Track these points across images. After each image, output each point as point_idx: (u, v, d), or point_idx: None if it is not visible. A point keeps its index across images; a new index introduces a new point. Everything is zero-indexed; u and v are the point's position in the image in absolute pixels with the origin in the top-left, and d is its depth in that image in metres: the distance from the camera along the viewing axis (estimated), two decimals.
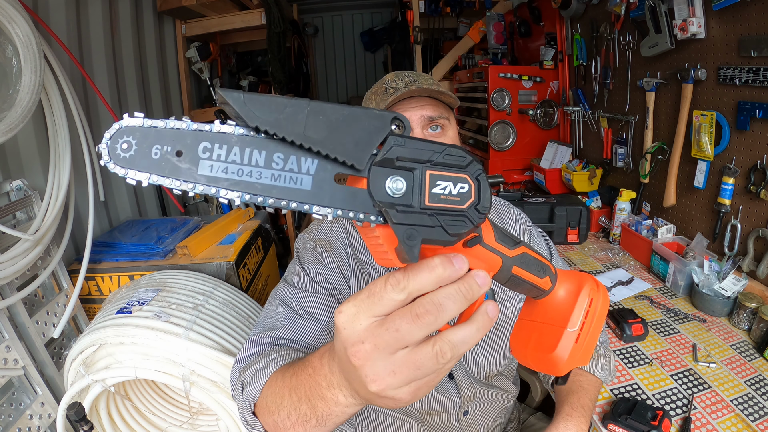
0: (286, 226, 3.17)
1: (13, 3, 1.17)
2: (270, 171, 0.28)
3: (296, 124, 0.28)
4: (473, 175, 0.31)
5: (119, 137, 0.27)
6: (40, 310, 1.41)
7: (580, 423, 0.78)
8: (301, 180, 0.29)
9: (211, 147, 0.28)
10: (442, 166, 0.31)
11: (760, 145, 1.24)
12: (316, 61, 5.14)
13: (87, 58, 1.92)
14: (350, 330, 0.33)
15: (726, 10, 1.27)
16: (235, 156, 0.28)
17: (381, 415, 0.89)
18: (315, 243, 0.88)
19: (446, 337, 0.33)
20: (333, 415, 0.44)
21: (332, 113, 0.28)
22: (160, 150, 0.27)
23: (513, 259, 0.38)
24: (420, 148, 0.31)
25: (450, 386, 0.88)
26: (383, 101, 0.82)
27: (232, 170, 0.28)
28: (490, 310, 0.34)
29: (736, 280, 1.22)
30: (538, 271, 0.41)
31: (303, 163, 0.29)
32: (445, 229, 0.31)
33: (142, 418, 1.42)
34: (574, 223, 1.80)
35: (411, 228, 0.30)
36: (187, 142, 0.27)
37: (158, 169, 0.27)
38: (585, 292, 0.43)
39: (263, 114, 0.27)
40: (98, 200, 1.79)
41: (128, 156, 0.27)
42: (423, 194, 0.30)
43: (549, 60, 2.35)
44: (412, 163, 0.30)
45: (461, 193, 0.31)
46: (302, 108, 0.28)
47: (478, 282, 0.33)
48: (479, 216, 0.32)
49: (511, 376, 1.00)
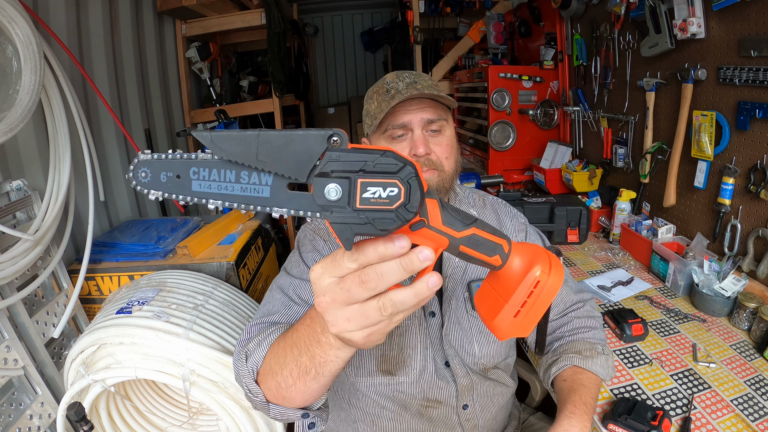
0: (286, 226, 3.17)
1: (13, 3, 1.17)
2: (240, 185, 0.39)
3: (250, 153, 0.37)
4: (404, 179, 0.37)
5: (139, 168, 0.40)
6: (40, 310, 1.41)
7: (583, 420, 0.78)
8: (261, 190, 0.38)
9: (198, 170, 0.39)
10: (373, 174, 0.37)
11: (760, 145, 1.24)
12: (316, 61, 5.14)
13: (87, 58, 1.92)
14: (317, 285, 0.43)
15: (726, 10, 1.27)
16: (215, 176, 0.39)
17: (380, 409, 0.90)
18: (314, 233, 0.93)
19: (389, 296, 0.41)
20: (329, 361, 0.52)
21: (277, 140, 0.36)
22: (166, 175, 0.40)
23: (460, 240, 0.44)
24: (353, 159, 0.37)
25: (447, 374, 0.90)
26: (385, 102, 0.85)
27: (213, 186, 0.39)
28: (431, 281, 0.41)
29: (736, 280, 1.23)
30: (488, 250, 0.46)
31: (262, 178, 0.38)
32: (374, 225, 0.37)
33: (142, 418, 1.42)
34: (574, 223, 1.80)
35: (345, 225, 0.37)
36: (181, 169, 0.39)
37: (166, 189, 0.40)
38: (532, 273, 0.47)
39: (227, 147, 0.37)
40: (98, 200, 1.79)
41: (146, 181, 0.40)
42: (354, 198, 0.37)
43: (549, 60, 2.35)
44: (346, 173, 0.37)
45: (390, 195, 0.37)
46: (253, 139, 0.37)
47: (419, 257, 0.40)
48: (408, 213, 0.37)
49: (508, 371, 1.00)
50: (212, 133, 0.37)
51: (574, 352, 0.91)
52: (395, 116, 0.86)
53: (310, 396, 0.60)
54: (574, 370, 0.89)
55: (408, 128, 0.87)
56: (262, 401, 0.66)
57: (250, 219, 2.11)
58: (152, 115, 2.53)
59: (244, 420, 1.17)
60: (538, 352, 0.71)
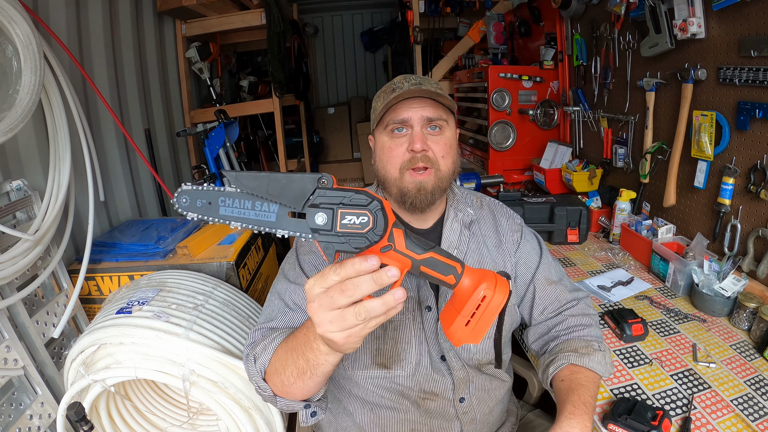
0: None
1: (13, 3, 1.17)
2: (254, 211, 0.52)
3: (262, 188, 0.51)
4: (372, 211, 0.50)
5: (180, 196, 0.54)
6: (40, 310, 1.41)
7: (583, 420, 0.79)
8: (269, 215, 0.52)
9: (225, 199, 0.53)
10: (349, 206, 0.50)
11: (760, 145, 1.24)
12: (316, 61, 5.14)
13: (87, 58, 1.92)
14: (309, 293, 0.55)
15: (726, 10, 1.27)
16: (236, 203, 0.53)
17: (379, 398, 0.92)
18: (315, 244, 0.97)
19: (363, 304, 0.52)
20: (320, 363, 0.64)
21: (281, 180, 0.51)
22: (202, 201, 0.54)
23: (420, 261, 0.56)
24: (335, 195, 0.50)
25: (443, 367, 0.91)
26: (387, 98, 0.89)
27: (235, 211, 0.53)
28: (396, 294, 0.53)
29: (736, 280, 1.22)
30: (443, 271, 0.57)
31: (270, 207, 0.52)
32: (350, 244, 0.50)
33: (142, 418, 1.42)
34: (574, 223, 1.80)
35: (328, 243, 0.51)
36: (213, 197, 0.53)
37: (202, 212, 0.54)
38: (479, 290, 0.58)
39: (246, 183, 0.52)
40: (98, 200, 1.79)
41: (186, 205, 0.54)
42: (336, 223, 0.50)
43: (549, 60, 2.34)
44: (331, 204, 0.50)
45: (362, 222, 0.50)
46: (265, 178, 0.51)
47: (388, 274, 0.52)
48: (375, 236, 0.50)
49: (503, 366, 1.01)
50: (237, 173, 0.52)
51: (570, 351, 0.91)
52: (397, 112, 0.89)
53: (309, 391, 0.72)
54: (571, 369, 0.89)
55: (408, 124, 0.89)
56: (271, 396, 0.77)
57: None
58: (152, 115, 2.53)
59: (244, 420, 1.17)
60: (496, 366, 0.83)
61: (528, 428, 1.11)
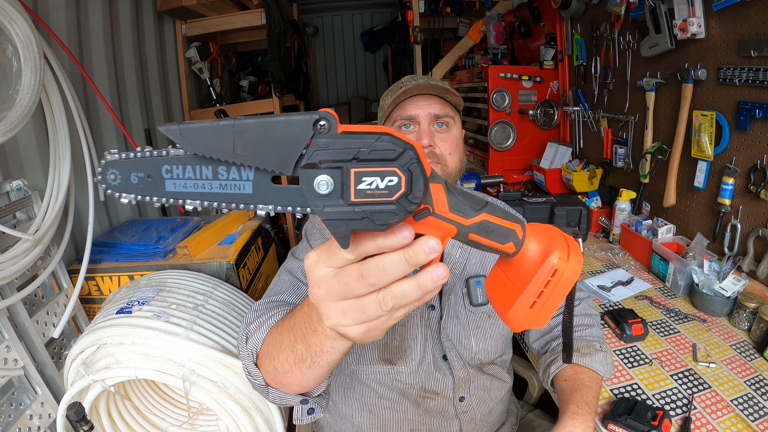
0: (286, 226, 3.17)
1: (13, 3, 1.17)
2: (218, 182, 0.34)
3: (226, 146, 0.32)
4: (404, 167, 0.32)
5: (107, 170, 0.35)
6: (40, 310, 1.41)
7: (586, 421, 0.79)
8: (243, 186, 0.34)
9: (171, 168, 0.35)
10: (369, 162, 0.32)
11: (760, 145, 1.24)
12: (316, 61, 5.14)
13: (87, 58, 1.92)
14: (312, 274, 0.40)
15: (726, 10, 1.27)
16: (190, 173, 0.34)
17: (378, 398, 0.91)
18: None
19: (390, 289, 0.37)
20: (324, 351, 0.49)
21: (255, 129, 0.32)
22: (137, 176, 0.35)
23: (469, 227, 0.40)
24: (344, 146, 0.32)
25: (444, 366, 0.91)
26: (395, 95, 0.90)
27: (189, 185, 0.35)
28: (435, 273, 0.37)
29: (736, 280, 1.22)
30: (500, 237, 0.42)
31: (242, 172, 0.34)
32: (372, 220, 0.33)
33: (142, 418, 1.42)
34: (574, 223, 1.80)
35: (338, 221, 0.33)
36: (153, 168, 0.35)
37: (139, 191, 0.35)
38: (549, 261, 0.43)
39: (199, 141, 0.32)
40: (98, 200, 1.79)
41: (116, 184, 0.35)
42: (348, 191, 0.32)
43: (549, 60, 2.35)
44: (336, 162, 0.32)
45: (389, 186, 0.32)
46: (228, 130, 0.32)
47: (425, 249, 0.36)
48: (411, 205, 0.33)
49: (504, 367, 1.01)
50: (181, 125, 0.32)
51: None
52: (404, 108, 0.90)
53: (307, 384, 0.58)
54: (574, 369, 0.89)
55: (415, 121, 0.91)
56: (261, 384, 0.64)
57: (250, 219, 2.11)
58: (152, 115, 2.53)
59: (244, 420, 1.17)
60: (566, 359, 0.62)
61: (528, 428, 1.11)
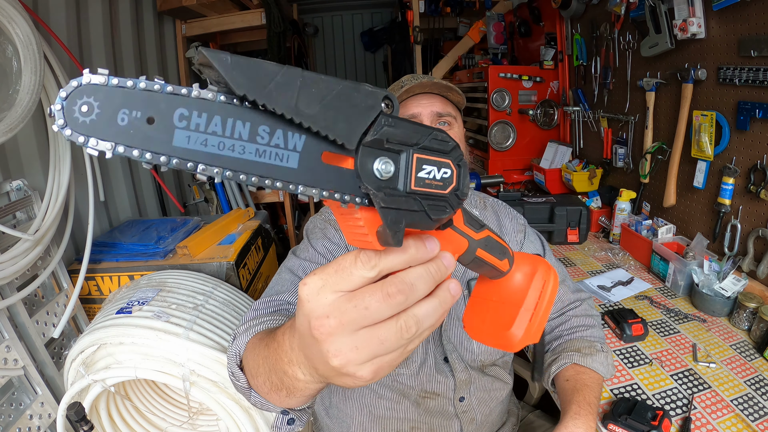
0: (286, 226, 3.17)
1: (13, 3, 1.17)
2: (255, 146, 0.26)
3: (288, 96, 0.25)
4: (456, 161, 0.31)
5: (78, 98, 0.23)
6: (40, 310, 1.41)
7: (588, 421, 0.79)
8: (287, 157, 0.27)
9: (189, 115, 0.25)
10: (429, 150, 0.30)
11: (760, 145, 1.24)
12: (316, 61, 5.14)
13: (87, 58, 1.92)
14: (315, 303, 0.32)
15: (726, 10, 1.27)
16: (216, 127, 0.25)
17: (378, 399, 0.91)
18: (326, 222, 0.92)
19: (411, 311, 0.32)
20: (298, 389, 0.44)
21: (326, 87, 0.26)
22: (128, 115, 0.23)
23: (478, 242, 0.39)
24: (409, 130, 0.29)
25: (445, 368, 0.91)
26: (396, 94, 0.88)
27: (212, 143, 0.25)
28: (452, 287, 0.35)
29: (736, 280, 1.22)
30: (499, 254, 0.42)
31: (290, 139, 0.27)
32: (428, 214, 0.30)
33: (142, 418, 1.42)
34: (574, 223, 1.80)
35: (397, 212, 0.29)
36: (160, 108, 0.24)
37: (125, 138, 0.23)
38: (539, 275, 0.45)
39: (252, 82, 0.24)
40: (98, 200, 1.79)
41: (89, 121, 0.23)
42: (410, 178, 0.29)
43: (549, 60, 2.35)
44: (400, 145, 0.29)
45: (444, 178, 0.31)
46: (295, 78, 0.25)
47: (445, 263, 0.34)
48: (458, 202, 0.32)
49: (506, 368, 1.01)
50: (233, 56, 0.24)
51: (573, 350, 0.91)
52: (406, 107, 0.90)
53: (290, 406, 0.55)
54: (576, 369, 0.89)
55: (418, 120, 0.90)
56: (244, 387, 0.62)
57: (250, 219, 2.11)
58: None
59: (244, 420, 1.17)
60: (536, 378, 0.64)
61: (529, 429, 1.11)
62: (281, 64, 0.25)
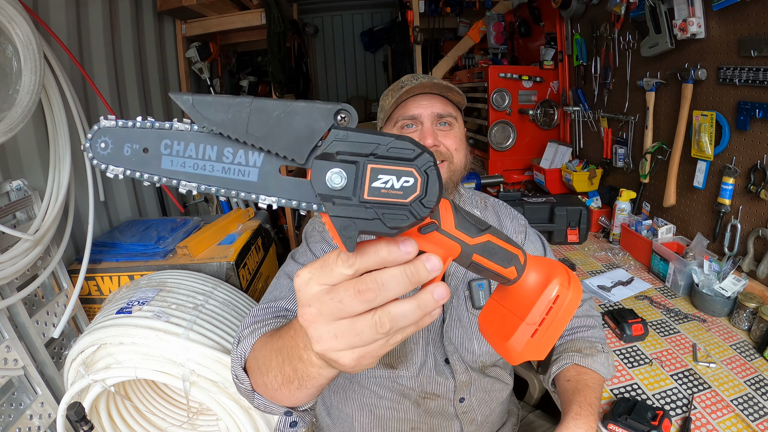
0: (286, 226, 3.17)
1: (13, 3, 1.17)
2: (221, 164, 0.32)
3: (239, 123, 0.30)
4: (421, 168, 0.31)
5: (98, 137, 0.33)
6: (40, 310, 1.41)
7: (589, 421, 0.79)
8: (248, 172, 0.32)
9: (171, 144, 0.32)
10: (386, 159, 0.31)
11: (760, 145, 1.24)
12: (316, 61, 5.14)
13: (87, 58, 1.92)
14: (302, 293, 0.36)
15: (726, 10, 1.27)
16: (191, 151, 0.32)
17: (378, 399, 0.91)
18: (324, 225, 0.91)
19: (386, 309, 0.35)
20: (311, 376, 0.46)
21: (274, 110, 0.30)
22: (131, 147, 0.32)
23: (474, 247, 0.38)
24: (364, 141, 0.31)
25: (446, 370, 0.90)
26: (396, 95, 0.88)
27: (188, 164, 0.32)
28: (437, 291, 0.35)
29: (736, 280, 1.22)
30: (503, 261, 0.41)
31: (250, 157, 0.32)
32: (383, 222, 0.31)
33: (142, 418, 1.42)
34: (574, 223, 1.80)
35: (348, 220, 0.31)
36: (151, 140, 0.32)
37: (130, 164, 0.32)
38: (551, 288, 0.42)
39: (210, 115, 0.30)
40: (98, 200, 1.79)
41: (106, 154, 0.33)
42: (362, 188, 0.31)
43: (549, 60, 2.35)
44: (354, 156, 0.31)
45: (405, 187, 0.31)
46: (245, 106, 0.30)
47: (427, 267, 0.34)
48: (424, 209, 0.31)
49: (506, 368, 1.01)
50: (194, 96, 0.30)
51: (574, 351, 0.91)
52: (406, 108, 0.90)
53: (297, 402, 0.57)
54: (577, 370, 0.89)
55: (418, 121, 0.90)
56: (248, 390, 0.63)
57: (250, 219, 2.11)
58: (152, 115, 2.53)
59: (244, 420, 1.17)
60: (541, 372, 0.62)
61: (529, 429, 1.11)
62: (235, 96, 0.30)
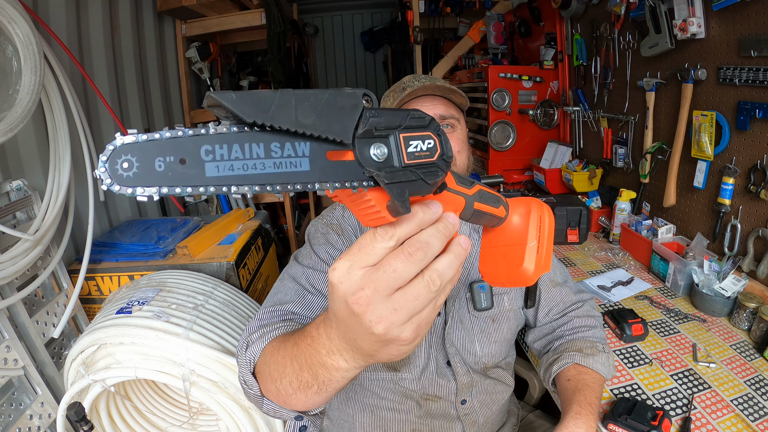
0: (286, 226, 3.17)
1: (13, 3, 1.17)
2: (272, 160, 0.31)
3: (288, 114, 0.30)
4: (435, 132, 0.37)
5: (117, 157, 0.27)
6: (40, 310, 1.41)
7: (589, 421, 0.79)
8: (300, 163, 0.32)
9: (212, 149, 0.29)
10: (410, 128, 0.35)
11: (760, 145, 1.24)
12: (316, 61, 5.14)
13: (87, 58, 1.92)
14: (347, 282, 0.36)
15: (726, 10, 1.27)
16: (237, 152, 0.30)
17: (380, 400, 0.91)
18: (327, 227, 0.92)
19: (433, 266, 0.37)
20: (334, 380, 0.47)
21: (314, 98, 0.31)
22: (164, 161, 0.28)
23: (473, 197, 0.45)
24: (390, 116, 0.35)
25: (448, 372, 0.91)
26: (399, 97, 0.88)
27: (237, 166, 0.30)
28: (462, 241, 0.39)
29: (736, 280, 1.22)
30: (494, 203, 0.48)
31: (298, 147, 0.32)
32: (424, 180, 0.35)
33: (142, 418, 1.42)
34: (574, 223, 1.80)
35: (399, 184, 0.34)
36: (188, 149, 0.29)
37: (166, 181, 0.28)
38: (534, 212, 0.51)
39: (256, 109, 0.29)
40: (98, 200, 1.79)
41: (132, 174, 0.27)
42: (401, 154, 0.35)
43: (549, 60, 2.35)
44: (387, 130, 0.34)
45: (429, 148, 0.36)
46: (289, 98, 0.30)
47: (451, 221, 0.39)
48: (446, 164, 0.37)
49: (508, 369, 1.01)
50: (237, 93, 0.29)
51: (574, 350, 0.92)
52: None
53: (312, 405, 0.57)
54: (577, 369, 0.89)
55: None
56: (257, 395, 0.63)
57: (250, 219, 2.11)
58: (152, 115, 2.53)
59: (244, 420, 1.17)
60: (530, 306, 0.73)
61: (529, 429, 1.11)
62: (275, 90, 0.30)
